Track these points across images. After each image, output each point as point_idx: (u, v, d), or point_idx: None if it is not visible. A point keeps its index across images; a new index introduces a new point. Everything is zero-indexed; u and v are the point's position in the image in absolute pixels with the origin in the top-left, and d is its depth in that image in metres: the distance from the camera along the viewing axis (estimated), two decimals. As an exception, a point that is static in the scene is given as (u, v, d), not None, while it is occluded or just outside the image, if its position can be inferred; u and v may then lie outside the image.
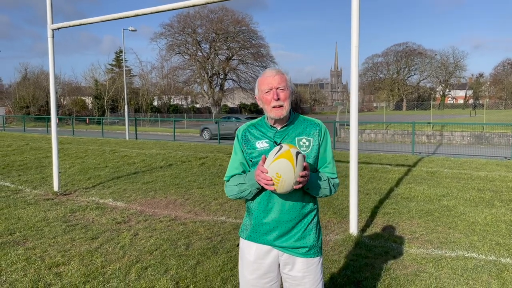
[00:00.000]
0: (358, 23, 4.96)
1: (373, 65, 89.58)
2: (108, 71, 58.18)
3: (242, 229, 2.23)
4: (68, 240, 4.98)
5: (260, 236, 2.12)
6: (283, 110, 2.05)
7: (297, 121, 2.16)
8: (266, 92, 2.06)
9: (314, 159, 2.11)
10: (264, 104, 2.09)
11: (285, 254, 2.11)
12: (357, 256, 4.46)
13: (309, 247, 2.11)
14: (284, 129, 2.12)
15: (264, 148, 2.09)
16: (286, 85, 2.07)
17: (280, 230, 2.08)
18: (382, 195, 7.37)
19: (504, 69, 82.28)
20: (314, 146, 2.11)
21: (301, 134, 2.12)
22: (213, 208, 6.61)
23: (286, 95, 2.06)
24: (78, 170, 10.42)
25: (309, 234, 2.12)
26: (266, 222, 2.10)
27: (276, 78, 2.05)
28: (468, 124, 23.50)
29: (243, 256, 2.20)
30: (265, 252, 2.12)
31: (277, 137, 2.10)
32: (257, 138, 2.13)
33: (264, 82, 2.07)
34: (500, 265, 4.17)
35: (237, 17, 60.34)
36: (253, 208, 2.14)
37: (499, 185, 8.18)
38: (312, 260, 2.12)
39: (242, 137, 2.17)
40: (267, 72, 2.10)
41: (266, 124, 2.16)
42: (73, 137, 23.44)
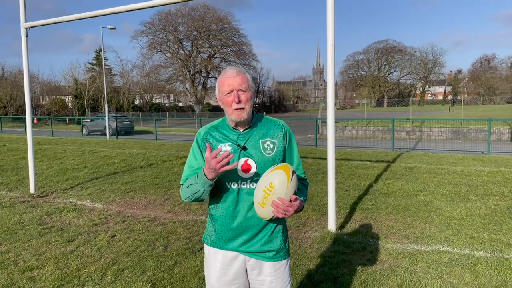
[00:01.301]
0: (333, 22, 4.99)
1: (354, 62, 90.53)
2: (88, 70, 57.33)
3: (206, 236, 2.16)
4: (43, 243, 4.89)
5: (226, 242, 2.06)
6: (243, 112, 1.98)
7: (260, 123, 2.09)
8: (227, 93, 1.98)
9: (280, 161, 2.05)
10: (225, 106, 2.01)
11: (252, 259, 2.06)
12: (335, 252, 4.50)
13: (276, 250, 2.07)
14: (247, 131, 2.05)
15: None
16: (247, 86, 1.99)
17: (247, 235, 2.03)
18: (361, 191, 7.44)
19: (481, 65, 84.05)
20: (279, 149, 2.05)
21: (265, 136, 2.05)
22: (193, 207, 6.57)
23: (248, 96, 1.99)
24: (56, 171, 10.24)
25: (276, 237, 2.08)
26: (232, 228, 2.04)
27: (237, 79, 1.97)
28: (446, 120, 23.93)
29: (208, 263, 2.14)
30: (231, 258, 2.07)
31: (240, 140, 2.03)
32: (219, 141, 2.05)
33: (225, 83, 1.99)
34: (473, 259, 4.26)
35: (219, 15, 60.11)
36: (218, 214, 2.08)
37: (474, 180, 8.36)
38: (279, 263, 2.09)
39: (203, 140, 2.08)
40: (227, 72, 2.01)
41: (228, 126, 2.08)
42: (52, 138, 23.03)
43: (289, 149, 2.11)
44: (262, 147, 2.02)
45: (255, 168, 1.99)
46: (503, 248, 4.54)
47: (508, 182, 8.03)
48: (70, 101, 53.20)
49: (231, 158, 1.84)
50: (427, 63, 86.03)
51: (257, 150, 2.02)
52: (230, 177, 2.00)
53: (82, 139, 21.93)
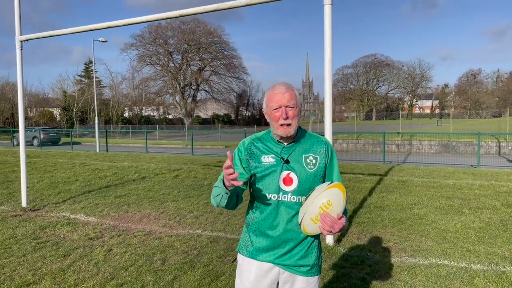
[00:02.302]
0: (331, 39, 5.08)
1: (343, 76, 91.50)
2: (77, 82, 57.09)
3: (242, 246, 2.16)
4: (38, 258, 4.81)
5: (263, 253, 2.07)
6: (291, 128, 2.01)
7: (304, 138, 2.12)
8: (275, 109, 2.01)
9: (321, 177, 2.08)
10: (272, 121, 2.04)
11: (287, 272, 2.06)
12: (333, 266, 4.51)
13: (311, 265, 2.08)
14: (291, 145, 2.08)
15: (270, 163, 2.04)
16: (295, 102, 2.03)
17: (284, 248, 2.04)
18: (356, 205, 7.48)
19: (467, 80, 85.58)
20: (321, 165, 2.08)
21: (308, 151, 2.08)
22: (188, 221, 6.53)
23: (295, 113, 2.02)
24: (47, 185, 10.11)
25: (311, 252, 2.09)
26: (270, 239, 2.05)
27: (286, 96, 2.00)
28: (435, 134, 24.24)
29: (242, 274, 2.13)
30: (266, 270, 2.07)
31: (284, 153, 2.05)
32: (262, 152, 2.07)
33: (274, 99, 2.02)
34: (471, 272, 4.30)
35: (209, 29, 60.56)
36: (256, 224, 2.09)
37: (467, 193, 8.46)
38: (312, 278, 2.09)
39: (246, 149, 2.11)
40: (276, 88, 2.04)
41: (272, 139, 2.10)
42: (40, 150, 22.77)
43: (330, 165, 2.13)
44: (304, 162, 2.05)
45: (297, 182, 2.02)
46: (500, 261, 4.60)
47: (499, 196, 8.14)
48: (58, 113, 52.77)
49: (235, 176, 1.81)
50: (415, 77, 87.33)
51: (300, 164, 2.04)
52: (271, 188, 2.03)
53: (71, 151, 21.71)
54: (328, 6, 5.07)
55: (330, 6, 5.08)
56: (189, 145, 22.69)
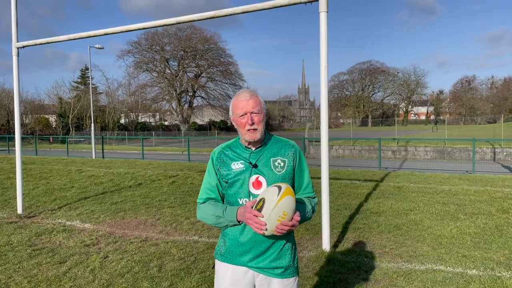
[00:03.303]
0: (327, 46, 5.13)
1: (339, 82, 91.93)
2: (73, 89, 57.03)
3: (217, 251, 2.22)
4: (34, 265, 4.79)
5: (236, 257, 2.11)
6: (257, 133, 2.08)
7: (271, 142, 2.18)
8: (241, 116, 2.08)
9: (289, 179, 2.14)
10: (239, 127, 2.12)
11: (261, 275, 2.10)
12: (330, 272, 4.51)
13: (285, 267, 2.12)
14: (259, 150, 2.14)
15: (240, 169, 2.10)
16: (260, 108, 2.10)
17: (256, 251, 2.09)
18: (352, 210, 7.50)
19: (462, 86, 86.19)
20: (289, 167, 2.13)
21: (276, 155, 2.14)
22: (185, 227, 6.53)
23: (260, 118, 2.09)
24: (43, 191, 10.08)
25: (285, 254, 2.13)
26: (242, 243, 2.10)
27: (250, 102, 2.08)
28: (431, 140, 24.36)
29: (219, 278, 2.19)
30: (241, 274, 2.11)
31: (252, 158, 2.12)
32: (232, 159, 2.14)
33: (238, 106, 2.09)
34: (467, 277, 4.32)
35: (206, 35, 60.71)
36: (229, 229, 2.13)
37: (462, 199, 8.50)
38: (287, 280, 2.13)
39: (217, 159, 2.18)
40: (241, 96, 2.12)
41: (241, 145, 2.17)
42: (36, 157, 22.67)
43: (299, 168, 2.19)
44: (272, 165, 2.11)
45: (266, 185, 2.07)
46: (495, 266, 4.62)
47: (494, 201, 8.19)
48: (54, 120, 52.62)
49: (263, 226, 1.91)
50: (410, 84, 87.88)
51: (268, 168, 2.10)
52: (242, 193, 2.09)
53: (67, 158, 21.64)
54: (323, 14, 5.13)
55: (325, 14, 5.13)
56: (186, 151, 22.69)
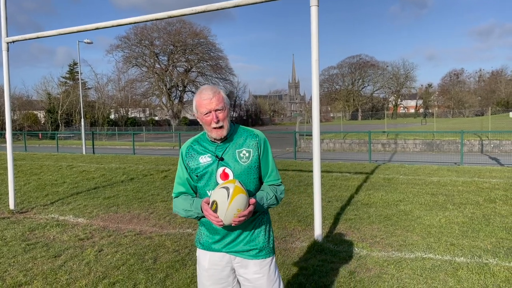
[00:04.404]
0: (317, 40, 5.19)
1: (329, 76, 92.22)
2: (61, 84, 56.42)
3: (196, 240, 2.34)
4: (29, 259, 4.81)
5: (212, 244, 2.23)
6: (223, 130, 2.15)
7: (236, 134, 2.25)
8: (205, 114, 2.13)
9: (255, 168, 2.22)
10: (205, 125, 2.18)
11: (237, 257, 2.21)
12: (323, 261, 4.61)
13: (259, 248, 2.21)
14: (225, 143, 2.21)
15: (207, 163, 2.18)
16: (223, 104, 2.15)
17: (230, 237, 2.19)
18: (343, 202, 7.61)
19: (450, 79, 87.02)
20: (254, 157, 2.21)
21: (241, 146, 2.21)
22: (178, 221, 6.58)
23: (225, 114, 2.15)
24: (34, 187, 10.04)
25: (258, 236, 2.22)
26: (217, 231, 2.20)
27: (214, 101, 2.12)
28: (420, 132, 24.63)
29: (199, 264, 2.31)
30: (218, 259, 2.22)
31: (218, 151, 2.19)
32: (200, 153, 2.22)
33: (202, 105, 2.13)
34: (455, 264, 4.44)
35: (195, 30, 60.44)
36: (204, 219, 2.22)
37: (450, 189, 8.67)
38: (264, 261, 2.22)
39: (186, 154, 2.26)
40: (203, 94, 2.14)
41: (207, 139, 2.24)
42: (25, 153, 22.48)
43: (265, 156, 2.26)
44: (238, 156, 2.19)
45: (232, 176, 2.16)
46: (482, 253, 4.76)
47: (482, 191, 8.36)
48: (43, 116, 52.09)
49: (220, 221, 2.00)
50: (399, 78, 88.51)
51: (234, 159, 2.18)
52: (210, 185, 2.18)
53: (57, 154, 21.49)
54: (314, 8, 5.18)
55: (316, 8, 5.19)
56: (177, 146, 22.68)
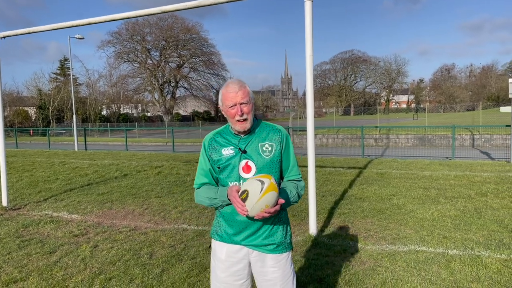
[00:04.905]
0: (312, 35, 5.20)
1: (321, 72, 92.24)
2: (52, 80, 55.84)
3: (213, 231, 2.34)
4: (24, 256, 4.80)
5: (231, 237, 2.24)
6: (247, 123, 2.18)
7: (259, 128, 2.28)
8: (230, 107, 2.16)
9: (277, 163, 2.25)
10: (229, 117, 2.20)
11: (255, 251, 2.23)
12: (317, 255, 4.65)
13: (277, 243, 2.24)
14: (248, 136, 2.24)
15: (230, 155, 2.21)
16: (249, 99, 2.18)
17: (249, 230, 2.21)
18: (337, 197, 7.67)
19: (442, 74, 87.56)
20: (276, 151, 2.24)
21: (264, 140, 2.24)
22: (173, 216, 6.59)
23: (249, 108, 2.18)
24: (27, 184, 9.98)
25: (276, 231, 2.24)
26: (235, 223, 2.22)
27: (240, 94, 2.15)
28: (412, 127, 24.79)
29: (215, 256, 2.31)
30: (235, 251, 2.24)
31: (241, 144, 2.22)
32: (222, 145, 2.24)
33: (228, 98, 2.17)
34: (448, 256, 4.51)
35: (187, 25, 60.09)
36: (223, 210, 2.25)
37: (442, 183, 8.76)
38: (281, 255, 2.25)
39: (208, 146, 2.28)
40: (230, 87, 2.18)
41: (230, 132, 2.27)
42: (17, 150, 22.29)
43: (286, 151, 2.29)
44: (261, 150, 2.22)
45: (255, 169, 2.19)
46: (474, 246, 4.83)
47: (473, 185, 8.47)
48: (34, 112, 51.59)
49: (245, 208, 2.02)
50: (391, 73, 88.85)
51: (256, 152, 2.21)
52: (232, 177, 2.20)
53: (49, 150, 21.33)
54: (308, 3, 5.19)
55: (310, 3, 5.20)
56: (170, 143, 22.62)
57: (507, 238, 5.09)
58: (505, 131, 19.75)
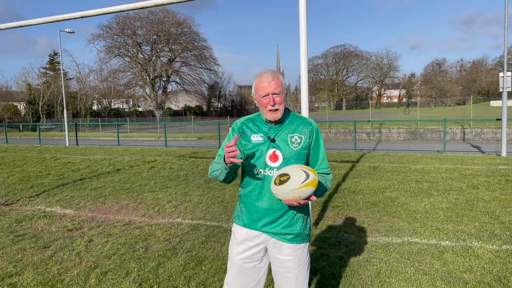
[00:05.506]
0: (306, 29, 5.21)
1: (313, 66, 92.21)
2: (42, 75, 55.23)
3: (235, 216, 2.39)
4: (18, 250, 4.77)
5: (251, 222, 2.28)
6: (278, 113, 2.21)
7: (290, 119, 2.31)
8: (263, 96, 2.20)
9: (305, 155, 2.27)
10: (261, 106, 2.24)
11: (273, 238, 2.26)
12: (313, 247, 4.69)
13: (295, 234, 2.27)
14: (278, 126, 2.27)
15: (258, 142, 2.24)
16: (281, 89, 2.20)
17: (269, 218, 2.24)
18: (331, 190, 7.71)
19: (433, 69, 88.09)
20: (305, 143, 2.26)
21: (294, 131, 2.26)
22: (167, 210, 6.59)
23: (282, 99, 2.21)
24: (19, 179, 9.90)
25: (296, 222, 2.27)
26: (256, 210, 2.25)
27: (273, 84, 2.18)
28: (403, 122, 24.95)
29: (233, 238, 2.37)
30: (254, 236, 2.28)
31: (271, 133, 2.25)
32: (252, 131, 2.28)
33: (261, 87, 2.20)
34: (440, 248, 4.57)
35: (179, 19, 59.72)
36: (245, 196, 2.30)
37: (434, 176, 8.86)
38: (298, 245, 2.28)
39: (238, 129, 2.31)
40: (264, 77, 2.21)
41: (262, 120, 2.30)
42: (7, 145, 22.06)
43: (316, 145, 2.32)
44: (289, 141, 2.24)
45: (282, 158, 2.21)
46: (466, 237, 4.90)
47: (465, 178, 8.57)
48: (23, 107, 51.04)
49: (237, 154, 2.04)
50: (382, 67, 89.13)
51: (285, 143, 2.23)
52: (259, 164, 2.23)
53: (40, 146, 21.15)
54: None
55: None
56: (162, 138, 22.53)
57: (498, 229, 5.17)
58: (495, 125, 19.98)
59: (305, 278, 2.32)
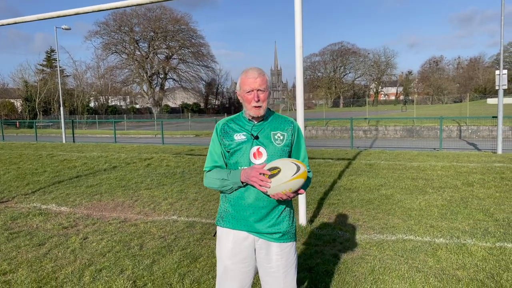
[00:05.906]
0: (301, 26, 5.21)
1: (311, 64, 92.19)
2: (38, 72, 54.99)
3: (218, 218, 2.36)
4: (12, 248, 4.77)
5: (237, 221, 2.26)
6: (261, 109, 2.23)
7: (272, 117, 2.35)
8: (248, 92, 2.22)
9: (287, 152, 2.30)
10: (245, 102, 2.26)
11: (261, 239, 2.26)
12: (307, 245, 4.70)
13: (283, 232, 2.27)
14: (261, 124, 2.29)
15: (242, 140, 2.24)
16: (266, 86, 2.24)
17: (256, 216, 2.23)
18: (327, 187, 7.73)
19: (430, 66, 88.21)
20: (287, 141, 2.29)
21: (276, 128, 2.29)
22: (163, 208, 6.59)
23: (266, 96, 2.24)
24: (14, 176, 9.87)
25: (283, 220, 2.28)
26: (242, 208, 2.24)
27: (258, 81, 2.21)
28: (400, 119, 25.00)
29: (221, 243, 2.33)
30: (242, 238, 2.26)
31: (254, 130, 2.26)
32: (235, 131, 2.28)
33: (246, 83, 2.22)
34: (434, 245, 4.59)
35: (176, 16, 59.54)
36: (231, 195, 2.27)
37: (430, 174, 8.88)
38: (285, 244, 2.29)
39: (221, 130, 2.31)
40: (250, 73, 2.24)
41: (244, 118, 2.32)
42: (3, 142, 22.01)
43: (297, 142, 2.36)
44: (273, 138, 2.26)
45: (266, 155, 2.22)
46: (460, 235, 4.93)
47: (460, 175, 8.60)
48: (20, 104, 50.85)
49: (267, 186, 2.06)
50: (380, 65, 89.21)
51: (269, 140, 2.25)
52: (243, 162, 2.22)
53: (36, 143, 21.10)
54: (298, -6, 5.18)
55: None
56: (159, 135, 22.50)
57: (492, 226, 5.20)
58: (491, 122, 20.04)
59: (294, 277, 2.32)
